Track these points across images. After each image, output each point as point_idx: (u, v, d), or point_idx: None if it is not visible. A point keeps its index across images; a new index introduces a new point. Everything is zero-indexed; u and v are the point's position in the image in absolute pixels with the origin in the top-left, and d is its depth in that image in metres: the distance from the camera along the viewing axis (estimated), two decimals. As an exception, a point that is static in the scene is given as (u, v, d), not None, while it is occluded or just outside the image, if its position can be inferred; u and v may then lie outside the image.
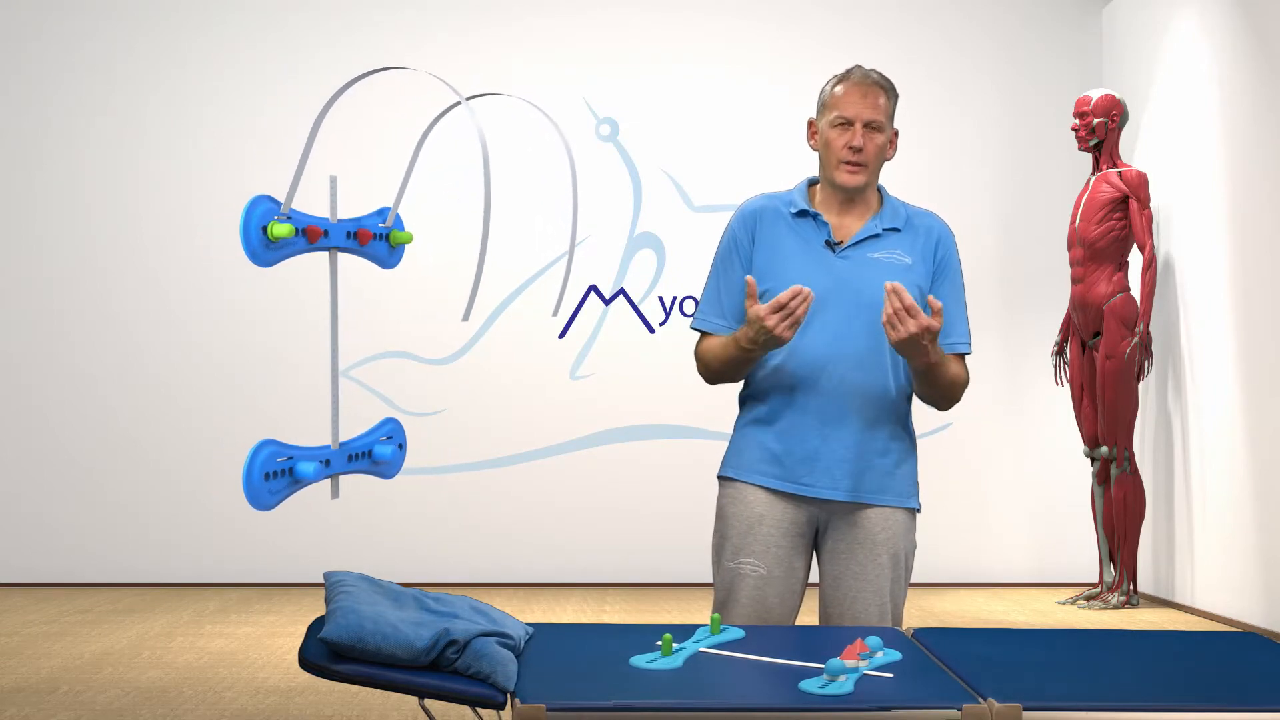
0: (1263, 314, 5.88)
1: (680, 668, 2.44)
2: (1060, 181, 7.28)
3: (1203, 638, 2.92)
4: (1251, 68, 5.97)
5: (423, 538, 7.18)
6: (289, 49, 7.25)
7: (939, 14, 7.41)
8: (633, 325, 7.30)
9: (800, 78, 7.05)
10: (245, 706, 4.48)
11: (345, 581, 2.59)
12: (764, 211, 3.12)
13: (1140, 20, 7.04)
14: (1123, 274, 6.50)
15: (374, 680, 2.32)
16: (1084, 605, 6.57)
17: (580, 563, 7.22)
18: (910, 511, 3.10)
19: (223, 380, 7.18)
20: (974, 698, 2.28)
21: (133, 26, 7.23)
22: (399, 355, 7.22)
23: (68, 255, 7.18)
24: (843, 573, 3.05)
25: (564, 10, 7.35)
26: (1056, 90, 7.36)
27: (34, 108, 7.20)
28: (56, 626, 5.89)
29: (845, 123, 3.04)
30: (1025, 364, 7.33)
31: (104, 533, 7.12)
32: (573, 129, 7.28)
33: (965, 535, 7.26)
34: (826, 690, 2.27)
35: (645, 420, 7.27)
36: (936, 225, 3.12)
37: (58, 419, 7.16)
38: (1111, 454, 6.53)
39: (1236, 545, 6.06)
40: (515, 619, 2.72)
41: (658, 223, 7.33)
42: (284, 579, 7.11)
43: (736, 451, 3.13)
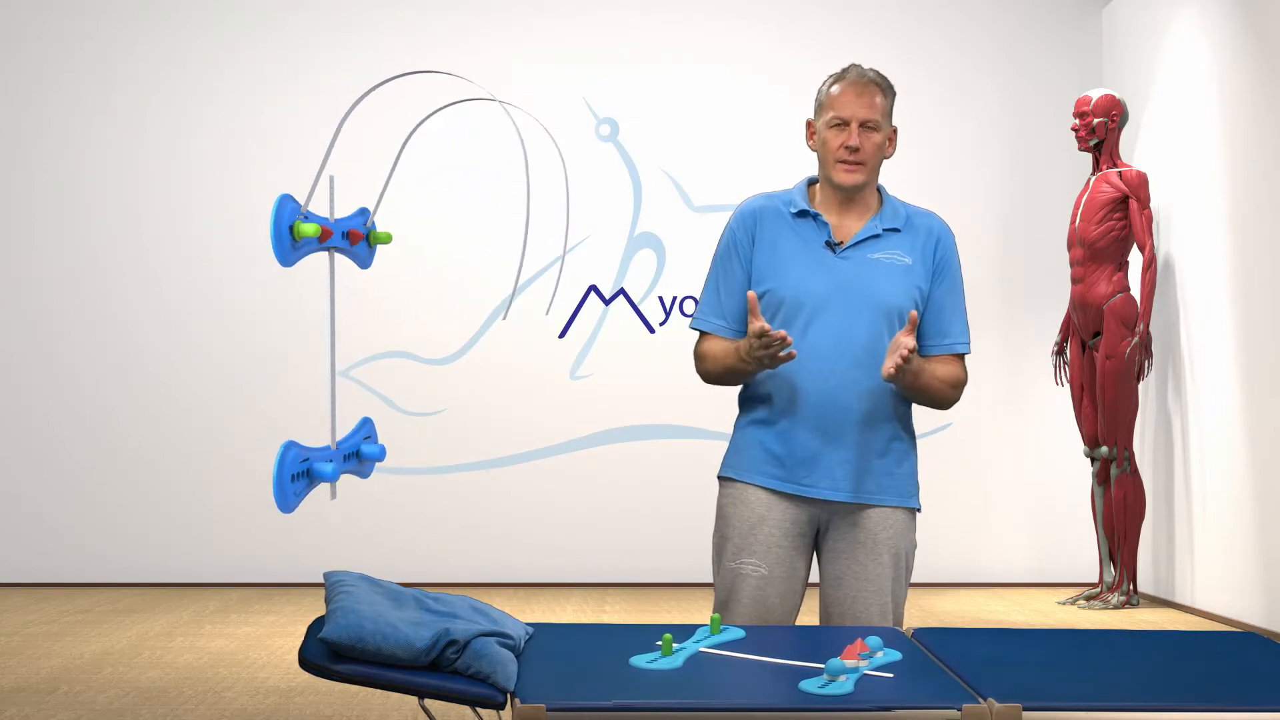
0: (1263, 314, 5.88)
1: (680, 668, 2.44)
2: (1060, 181, 7.28)
3: (1203, 638, 2.93)
4: (1251, 68, 5.97)
5: (423, 538, 7.18)
6: (289, 49, 7.25)
7: (939, 14, 7.41)
8: (633, 325, 7.30)
9: (800, 78, 7.04)
10: (245, 706, 4.48)
11: (345, 581, 2.59)
12: (764, 211, 3.11)
13: (1140, 20, 7.04)
14: (1123, 274, 6.50)
15: (374, 680, 2.32)
16: (1084, 605, 6.57)
17: (580, 563, 7.21)
18: (911, 511, 3.10)
19: (223, 380, 7.18)
20: (974, 698, 2.28)
21: (133, 26, 7.23)
22: (399, 355, 7.22)
23: (68, 255, 7.18)
24: (844, 573, 3.05)
25: (564, 10, 7.35)
26: (1056, 90, 7.36)
27: (34, 108, 7.20)
28: (56, 626, 5.89)
29: (841, 123, 3.04)
30: (1025, 364, 7.33)
31: (104, 533, 7.12)
32: (573, 129, 7.28)
33: (965, 535, 7.26)
34: (826, 690, 2.27)
35: (645, 420, 7.27)
36: (936, 225, 3.12)
37: (58, 419, 7.16)
38: (1111, 454, 6.53)
39: (1236, 545, 6.06)
40: (515, 619, 2.72)
41: (658, 223, 7.33)
42: (284, 579, 7.11)
43: (737, 452, 3.13)
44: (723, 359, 3.05)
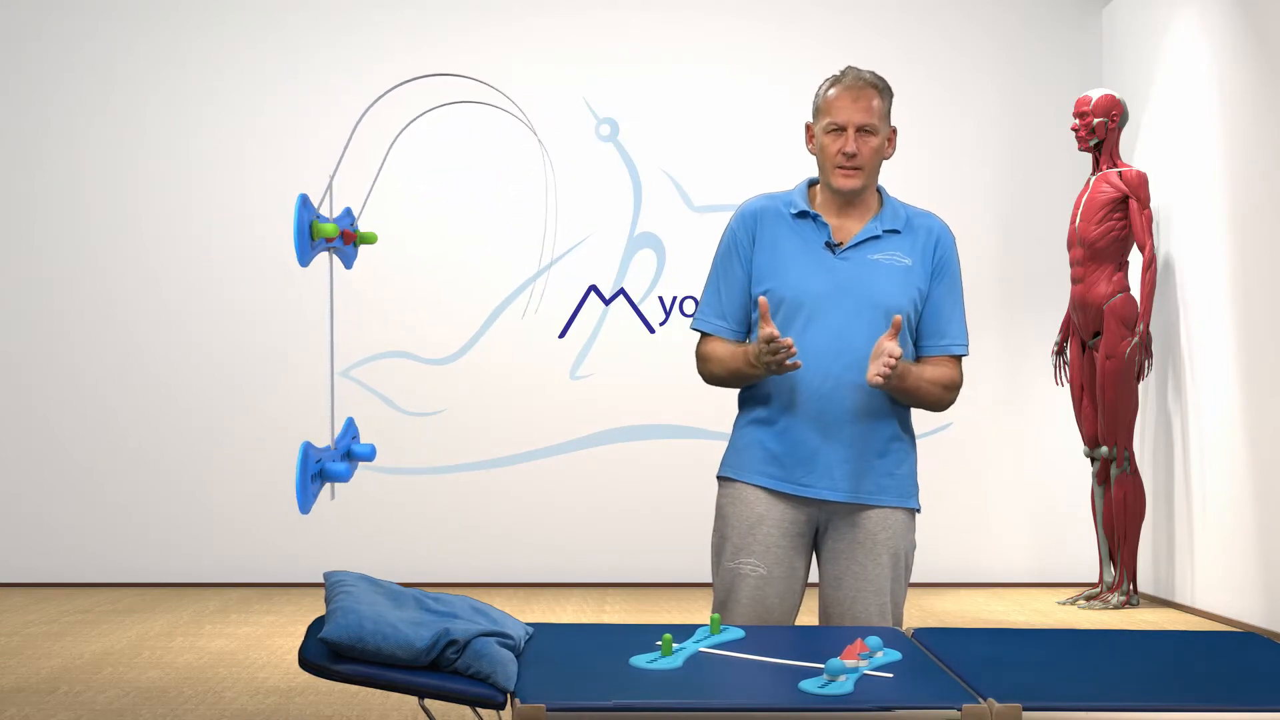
0: (1263, 314, 5.88)
1: (680, 668, 2.44)
2: (1060, 181, 7.28)
3: (1203, 638, 2.93)
4: (1251, 68, 5.97)
5: (423, 538, 7.18)
6: (289, 49, 7.25)
7: (939, 14, 7.41)
8: (633, 325, 7.30)
9: (800, 78, 7.04)
10: (245, 706, 4.48)
11: (345, 581, 2.59)
12: (764, 212, 3.11)
13: (1140, 20, 7.04)
14: (1123, 274, 6.50)
15: (374, 680, 2.32)
16: (1084, 605, 6.57)
17: (580, 563, 7.21)
18: (910, 511, 3.10)
19: (223, 380, 7.18)
20: (974, 698, 2.28)
21: (133, 26, 7.23)
22: (399, 355, 7.22)
23: (68, 255, 7.18)
24: (843, 573, 3.05)
25: (564, 10, 7.35)
26: (1056, 90, 7.36)
27: (34, 108, 7.20)
28: (56, 626, 5.89)
29: (838, 128, 3.04)
30: (1025, 364, 7.33)
31: (104, 533, 7.12)
32: (573, 129, 7.28)
33: (965, 535, 7.26)
34: (826, 690, 2.27)
35: (645, 420, 7.27)
36: (936, 226, 3.12)
37: (58, 419, 7.16)
38: (1111, 454, 6.53)
39: (1236, 545, 6.06)
40: (515, 619, 2.72)
41: (658, 223, 7.33)
42: (284, 579, 7.11)
43: (736, 452, 3.13)
44: (729, 362, 3.05)
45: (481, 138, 7.21)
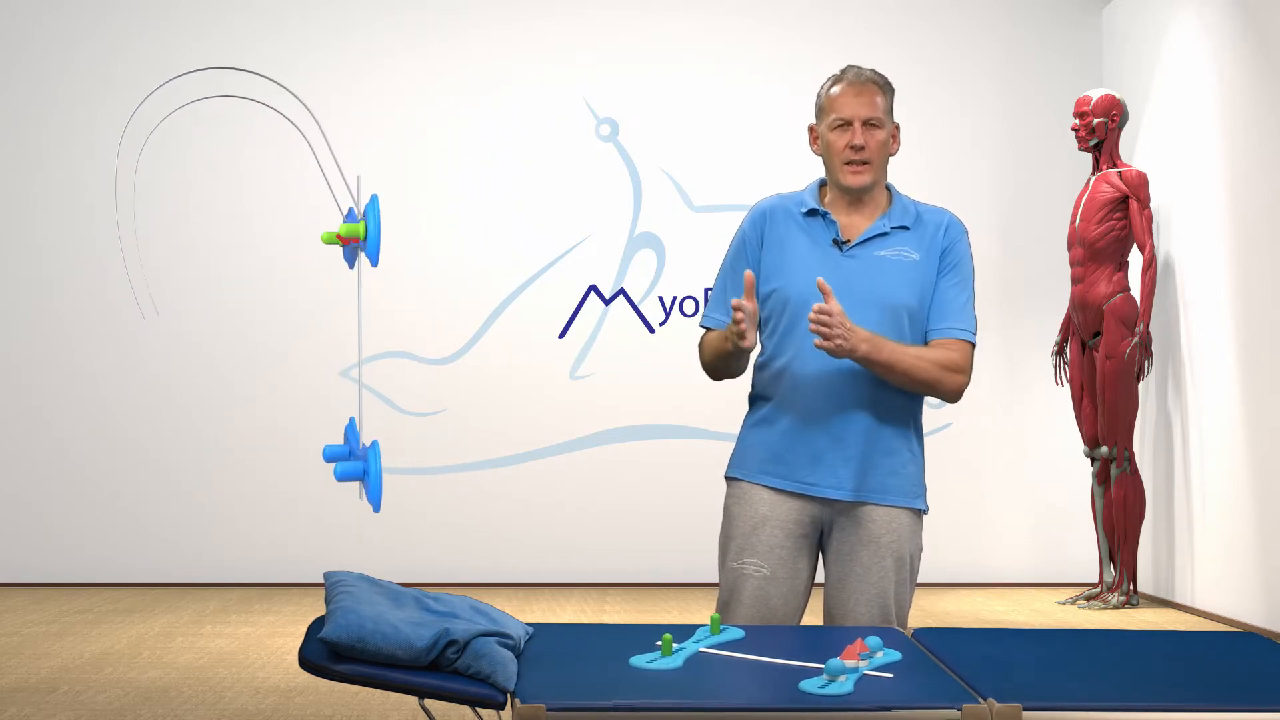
0: (1263, 314, 5.88)
1: (680, 668, 2.44)
2: (1060, 181, 7.28)
3: (1203, 638, 2.92)
4: (1251, 68, 5.97)
5: (423, 538, 7.18)
6: (289, 49, 7.24)
7: (939, 14, 7.41)
8: (633, 325, 7.30)
9: (800, 78, 7.03)
10: (245, 706, 4.48)
11: (345, 581, 2.59)
12: (775, 211, 3.12)
13: (1140, 20, 7.03)
14: (1123, 274, 6.50)
15: (374, 680, 2.32)
16: (1084, 605, 6.57)
17: (580, 563, 7.21)
18: (916, 513, 3.08)
19: (223, 380, 7.18)
20: (974, 698, 2.28)
21: (133, 26, 7.23)
22: (399, 355, 7.22)
23: (68, 255, 7.17)
24: (846, 574, 3.04)
25: (564, 10, 7.35)
26: (1056, 90, 7.36)
27: (34, 108, 7.20)
28: (56, 626, 5.89)
29: (844, 123, 3.04)
30: (1025, 364, 7.33)
31: (104, 533, 7.12)
32: (573, 129, 7.28)
33: (965, 535, 7.25)
34: (826, 690, 2.27)
35: (645, 420, 7.27)
36: (946, 218, 3.11)
37: (58, 419, 7.15)
38: (1111, 454, 6.53)
39: (1236, 545, 6.06)
40: (515, 619, 2.72)
41: (658, 223, 7.33)
42: (284, 579, 7.11)
43: (742, 451, 3.13)
44: (714, 344, 3.08)
45: (483, 136, 7.20)
